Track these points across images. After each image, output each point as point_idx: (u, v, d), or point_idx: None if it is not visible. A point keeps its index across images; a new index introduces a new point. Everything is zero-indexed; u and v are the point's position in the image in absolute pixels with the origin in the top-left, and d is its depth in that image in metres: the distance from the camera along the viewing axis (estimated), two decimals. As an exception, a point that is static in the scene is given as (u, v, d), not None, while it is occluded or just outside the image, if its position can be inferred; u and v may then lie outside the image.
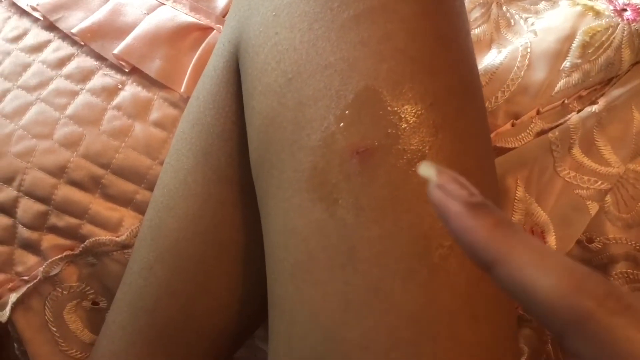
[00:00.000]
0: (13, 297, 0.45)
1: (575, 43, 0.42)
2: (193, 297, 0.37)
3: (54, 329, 0.47)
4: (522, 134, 0.42)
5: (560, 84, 0.42)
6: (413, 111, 0.29)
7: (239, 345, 0.41)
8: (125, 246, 0.44)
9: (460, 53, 0.31)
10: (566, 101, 0.42)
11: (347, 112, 0.29)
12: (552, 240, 0.43)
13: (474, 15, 0.46)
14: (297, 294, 0.29)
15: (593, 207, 0.42)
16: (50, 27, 0.46)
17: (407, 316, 0.27)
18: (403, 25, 0.29)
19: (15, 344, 0.50)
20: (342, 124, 0.29)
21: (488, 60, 0.43)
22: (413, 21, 0.30)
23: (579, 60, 0.42)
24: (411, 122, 0.28)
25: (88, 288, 0.46)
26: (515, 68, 0.42)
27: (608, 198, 0.43)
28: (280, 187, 0.30)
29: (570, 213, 0.42)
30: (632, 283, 0.46)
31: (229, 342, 0.39)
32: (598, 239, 0.44)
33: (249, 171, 0.34)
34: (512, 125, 0.42)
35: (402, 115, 0.28)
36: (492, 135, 0.42)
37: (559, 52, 0.42)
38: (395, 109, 0.28)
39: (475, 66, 0.33)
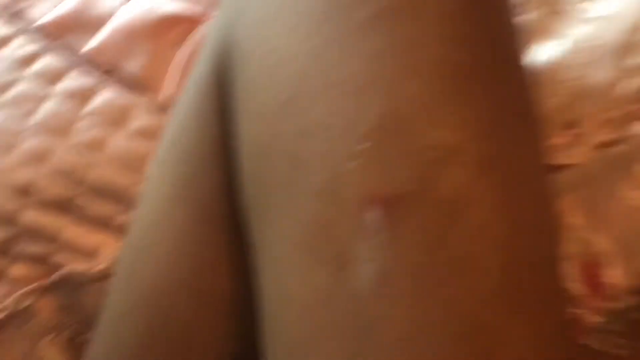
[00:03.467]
0: (-19, 331, 0.40)
1: (645, 35, 0.35)
2: (175, 354, 0.31)
3: (28, 366, 0.42)
4: (579, 148, 0.35)
5: (626, 85, 0.35)
6: (455, 144, 0.21)
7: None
8: (104, 277, 0.38)
9: (511, 61, 0.24)
10: (633, 107, 0.35)
11: (363, 145, 0.22)
12: (612, 274, 0.36)
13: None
14: None
15: (664, 236, 0.35)
16: (13, 19, 0.40)
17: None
18: (437, 29, 0.22)
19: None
20: (356, 162, 0.22)
21: (536, 56, 0.36)
22: (450, 23, 0.22)
23: (651, 57, 0.34)
24: (452, 158, 0.21)
25: (66, 321, 0.41)
26: (572, 67, 0.35)
27: (681, 223, 0.36)
28: (276, 239, 0.24)
29: (638, 241, 0.36)
30: None
31: None
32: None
33: (239, 209, 0.27)
34: (567, 137, 0.35)
35: (440, 151, 0.21)
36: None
37: (624, 47, 0.35)
38: (431, 141, 0.21)
39: (527, 77, 0.25)
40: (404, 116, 0.21)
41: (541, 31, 0.38)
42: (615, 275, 0.35)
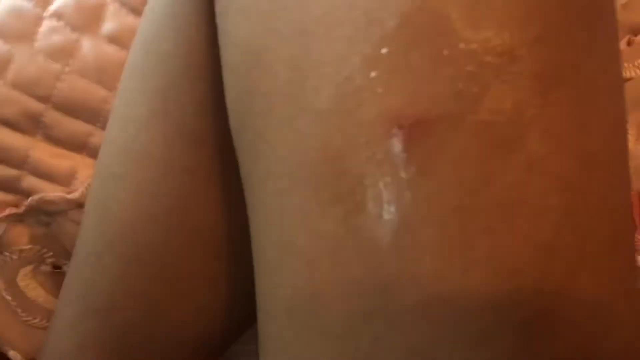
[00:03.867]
0: (-49, 262, 0.36)
1: None
2: (159, 297, 0.27)
3: (9, 298, 0.38)
4: (641, 59, 0.29)
5: None
6: (506, 50, 0.16)
7: (220, 354, 0.31)
8: (81, 205, 0.34)
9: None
10: None
11: (385, 50, 0.16)
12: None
13: None
14: (297, 344, 0.19)
15: None
16: None
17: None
18: None
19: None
20: (374, 73, 0.17)
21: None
22: None
23: None
24: (502, 69, 0.16)
25: (45, 250, 0.37)
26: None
27: None
28: (271, 172, 0.19)
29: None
30: None
31: (208, 350, 0.30)
32: None
33: (229, 129, 0.22)
34: (629, 44, 0.29)
35: (487, 59, 0.16)
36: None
37: None
38: (474, 46, 0.16)
39: None
40: (438, 12, 0.16)
41: None
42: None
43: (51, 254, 0.37)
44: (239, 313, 0.29)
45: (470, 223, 0.16)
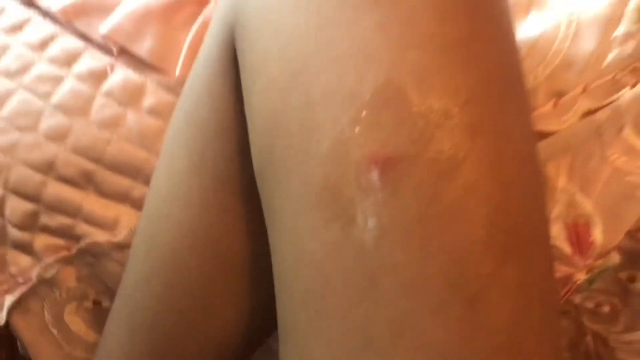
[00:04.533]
0: (9, 300, 0.43)
1: (631, 6, 0.36)
2: (195, 312, 0.33)
3: (55, 331, 0.44)
4: (566, 116, 0.37)
5: (612, 55, 0.36)
6: (444, 111, 0.23)
7: (248, 356, 0.37)
8: (124, 246, 0.40)
9: (500, 35, 0.26)
10: (618, 75, 0.36)
11: (363, 113, 0.24)
12: (597, 233, 0.38)
13: (509, -26, 0.40)
14: (310, 326, 0.25)
15: (646, 196, 0.37)
16: (29, 3, 0.41)
17: (438, 356, 0.23)
18: (429, 4, 0.24)
19: (18, 343, 0.48)
20: (358, 128, 0.24)
21: (526, 28, 0.38)
22: (442, 0, 0.24)
23: (635, 27, 0.36)
24: (442, 124, 0.23)
25: (88, 288, 0.43)
26: (559, 39, 0.37)
27: (663, 184, 0.38)
28: (288, 200, 0.26)
29: (620, 203, 0.38)
30: (685, 274, 0.41)
31: (237, 356, 0.35)
32: (649, 228, 0.39)
33: (252, 175, 0.29)
34: (555, 105, 0.37)
35: (432, 116, 0.23)
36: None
37: (611, 18, 0.36)
38: (423, 109, 0.23)
39: (516, 49, 0.27)
40: (399, 86, 0.23)
41: (531, 4, 0.40)
42: (599, 235, 0.37)
43: (93, 291, 0.43)
44: (258, 325, 0.35)
45: (427, 228, 0.23)
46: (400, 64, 0.24)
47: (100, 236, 0.40)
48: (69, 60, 0.40)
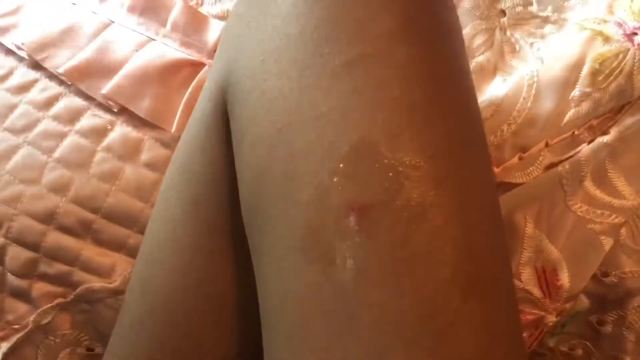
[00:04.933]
0: (4, 347, 0.44)
1: (585, 71, 0.40)
2: (187, 353, 0.35)
3: (49, 378, 0.45)
4: (531, 168, 0.40)
5: (570, 114, 0.40)
6: (412, 164, 0.26)
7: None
8: (118, 292, 0.42)
9: (461, 97, 0.29)
10: (576, 132, 0.40)
11: (341, 165, 0.27)
12: (565, 277, 0.41)
13: (476, 42, 0.44)
14: None
15: (607, 242, 0.40)
16: (37, 66, 0.45)
17: (412, 387, 0.25)
18: (398, 72, 0.27)
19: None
20: (336, 179, 0.27)
21: (492, 90, 0.41)
22: (409, 67, 0.28)
23: (589, 89, 0.40)
24: (410, 175, 0.26)
25: (82, 335, 0.45)
26: (522, 99, 0.40)
27: (623, 231, 0.41)
28: (273, 244, 0.28)
29: (584, 249, 0.40)
30: (650, 317, 0.44)
31: None
32: (613, 272, 0.42)
33: (241, 221, 0.32)
34: (520, 159, 0.40)
35: (401, 169, 0.26)
36: (498, 170, 0.40)
37: (568, 81, 0.40)
38: (393, 162, 0.26)
39: (477, 109, 0.31)
40: (372, 142, 0.26)
41: (497, 69, 0.44)
42: (566, 279, 0.40)
43: (87, 337, 0.45)
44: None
45: (399, 268, 0.26)
46: (373, 123, 0.27)
47: (96, 283, 0.42)
48: (72, 118, 0.43)
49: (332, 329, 0.26)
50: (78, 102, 0.43)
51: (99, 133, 0.42)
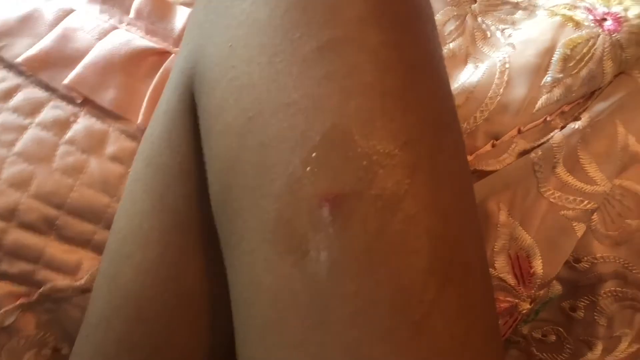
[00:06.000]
0: (-35, 350, 0.42)
1: (556, 56, 0.40)
2: (155, 351, 0.34)
3: (13, 380, 0.44)
4: (503, 155, 0.40)
5: (542, 100, 0.40)
6: (386, 152, 0.26)
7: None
8: (85, 290, 0.41)
9: (434, 83, 0.29)
10: (548, 118, 0.40)
11: (313, 154, 0.26)
12: (538, 264, 0.41)
13: (448, 28, 0.44)
14: (268, 358, 0.27)
15: (580, 229, 0.40)
16: (-7, 57, 0.43)
17: (388, 379, 0.24)
18: (370, 57, 0.27)
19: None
20: (308, 168, 0.26)
21: (464, 77, 0.41)
22: (381, 52, 0.27)
23: (561, 75, 0.39)
24: (384, 163, 0.26)
25: (48, 335, 0.43)
26: (494, 85, 0.40)
27: (595, 216, 0.41)
28: (244, 237, 0.28)
29: (557, 235, 0.40)
30: (621, 301, 0.44)
31: None
32: (585, 258, 0.42)
33: (211, 214, 0.31)
34: (493, 146, 0.40)
35: (374, 157, 0.26)
36: (471, 157, 0.39)
37: (539, 67, 0.40)
38: (366, 150, 0.26)
39: (450, 95, 0.30)
40: (344, 130, 0.26)
41: (468, 55, 0.43)
42: (539, 266, 0.40)
43: (53, 337, 0.43)
44: (219, 357, 0.36)
45: (374, 258, 0.25)
46: (345, 111, 0.26)
47: (61, 281, 0.41)
48: (33, 110, 0.41)
49: (306, 323, 0.25)
50: (38, 93, 0.42)
51: (61, 125, 0.41)
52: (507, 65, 0.40)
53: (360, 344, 0.25)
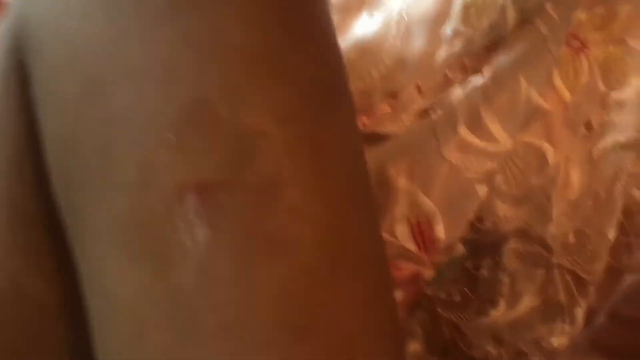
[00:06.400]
0: None
1: (456, 5, 0.36)
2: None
3: None
4: (402, 116, 0.36)
5: (442, 53, 0.37)
6: (260, 129, 0.21)
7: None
8: None
9: (318, 43, 0.24)
10: (448, 73, 0.37)
11: (170, 135, 0.21)
12: (440, 229, 0.39)
13: (340, -28, 0.39)
14: None
15: (482, 190, 0.38)
16: None
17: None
18: (238, 14, 0.22)
19: None
20: (164, 152, 0.21)
21: (359, 29, 0.37)
22: (252, 8, 0.22)
23: (461, 26, 0.36)
24: (259, 144, 0.21)
25: None
26: (391, 38, 0.36)
27: (498, 177, 0.39)
28: (92, 238, 0.23)
29: (459, 199, 0.38)
30: (523, 258, 0.44)
31: None
32: (489, 218, 0.41)
33: (54, 207, 0.25)
34: (390, 106, 0.36)
35: (246, 136, 0.21)
36: (368, 120, 0.36)
37: (439, 17, 0.37)
38: (235, 127, 0.21)
39: (338, 54, 0.26)
40: (209, 104, 0.21)
41: (363, 4, 0.39)
42: (441, 231, 0.38)
43: None
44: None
45: (251, 259, 0.21)
46: (207, 80, 0.21)
47: None
48: None
49: (173, 338, 0.21)
50: None
51: None
52: (404, 15, 0.37)
53: (234, 358, 0.21)
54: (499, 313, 0.46)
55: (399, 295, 0.39)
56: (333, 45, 0.26)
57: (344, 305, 0.22)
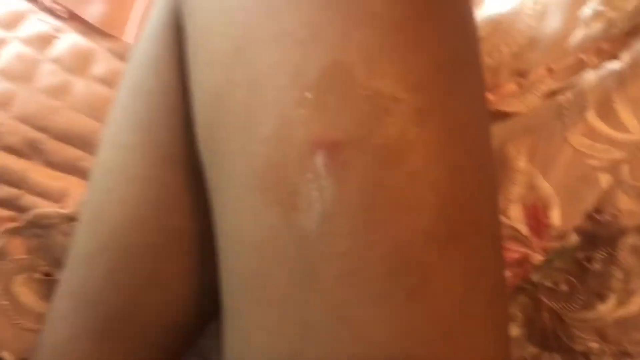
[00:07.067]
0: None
1: (600, -15, 0.35)
2: (140, 289, 0.32)
3: (6, 302, 0.43)
4: (529, 96, 0.36)
5: (578, 35, 0.35)
6: (392, 95, 0.22)
7: (192, 340, 0.36)
8: (72, 219, 0.39)
9: (453, 14, 0.25)
10: (582, 56, 0.35)
11: (308, 94, 0.23)
12: (555, 215, 0.38)
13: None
14: (251, 313, 0.25)
15: (605, 180, 0.37)
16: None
17: (377, 348, 0.22)
18: None
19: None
20: (302, 110, 0.23)
21: (493, 4, 0.36)
22: None
23: (603, 7, 0.35)
24: (389, 108, 0.22)
25: (39, 260, 0.42)
26: (525, 16, 0.35)
27: (623, 167, 0.38)
28: (230, 182, 0.25)
29: (579, 186, 0.37)
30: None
31: (181, 336, 0.35)
32: (609, 210, 0.39)
33: (196, 150, 0.28)
34: (518, 85, 0.36)
35: (379, 100, 0.22)
36: (492, 97, 0.36)
37: (577, -3, 0.35)
38: (370, 91, 0.22)
39: (473, 28, 0.26)
40: (346, 66, 0.22)
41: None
42: (557, 217, 0.37)
43: (44, 263, 0.42)
44: (206, 304, 0.34)
45: (371, 215, 0.22)
46: (348, 44, 0.22)
47: (48, 207, 0.39)
48: (13, 21, 0.37)
49: (292, 280, 0.23)
50: (20, 4, 0.38)
51: (44, 40, 0.37)
52: (541, -6, 0.35)
53: (348, 306, 0.22)
54: (607, 309, 0.44)
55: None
56: (469, 19, 0.26)
57: (456, 271, 0.23)
